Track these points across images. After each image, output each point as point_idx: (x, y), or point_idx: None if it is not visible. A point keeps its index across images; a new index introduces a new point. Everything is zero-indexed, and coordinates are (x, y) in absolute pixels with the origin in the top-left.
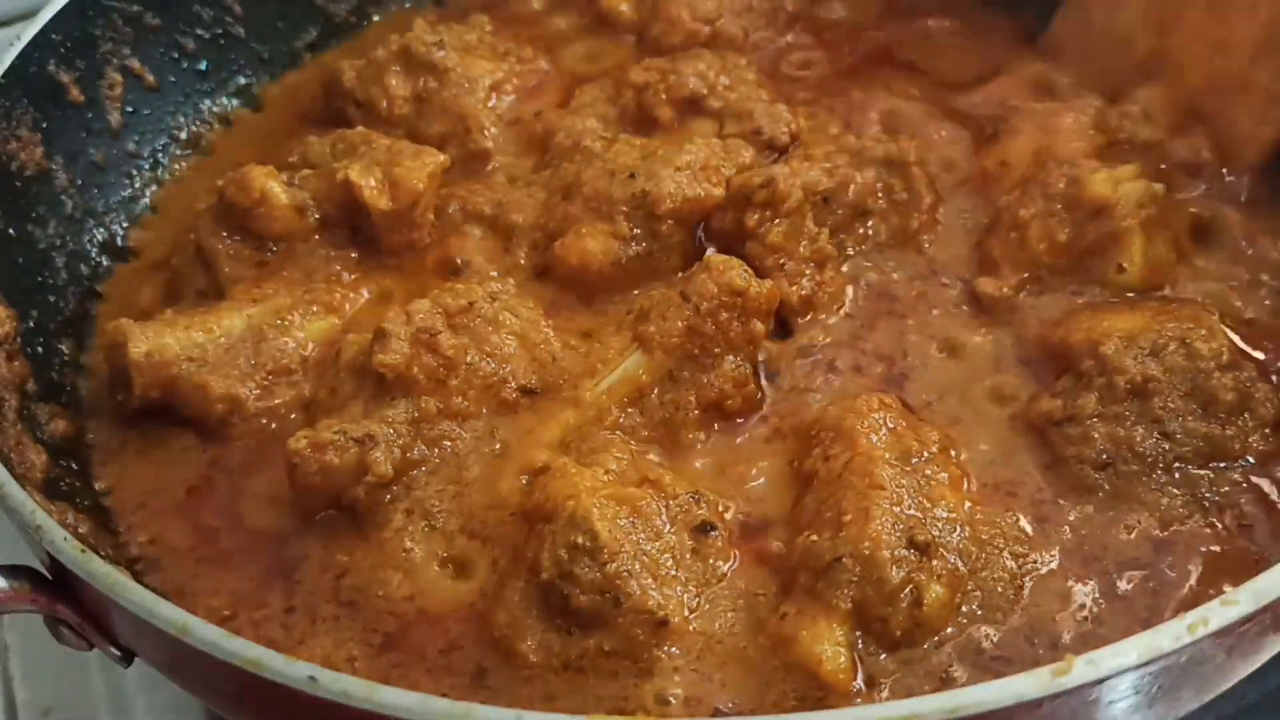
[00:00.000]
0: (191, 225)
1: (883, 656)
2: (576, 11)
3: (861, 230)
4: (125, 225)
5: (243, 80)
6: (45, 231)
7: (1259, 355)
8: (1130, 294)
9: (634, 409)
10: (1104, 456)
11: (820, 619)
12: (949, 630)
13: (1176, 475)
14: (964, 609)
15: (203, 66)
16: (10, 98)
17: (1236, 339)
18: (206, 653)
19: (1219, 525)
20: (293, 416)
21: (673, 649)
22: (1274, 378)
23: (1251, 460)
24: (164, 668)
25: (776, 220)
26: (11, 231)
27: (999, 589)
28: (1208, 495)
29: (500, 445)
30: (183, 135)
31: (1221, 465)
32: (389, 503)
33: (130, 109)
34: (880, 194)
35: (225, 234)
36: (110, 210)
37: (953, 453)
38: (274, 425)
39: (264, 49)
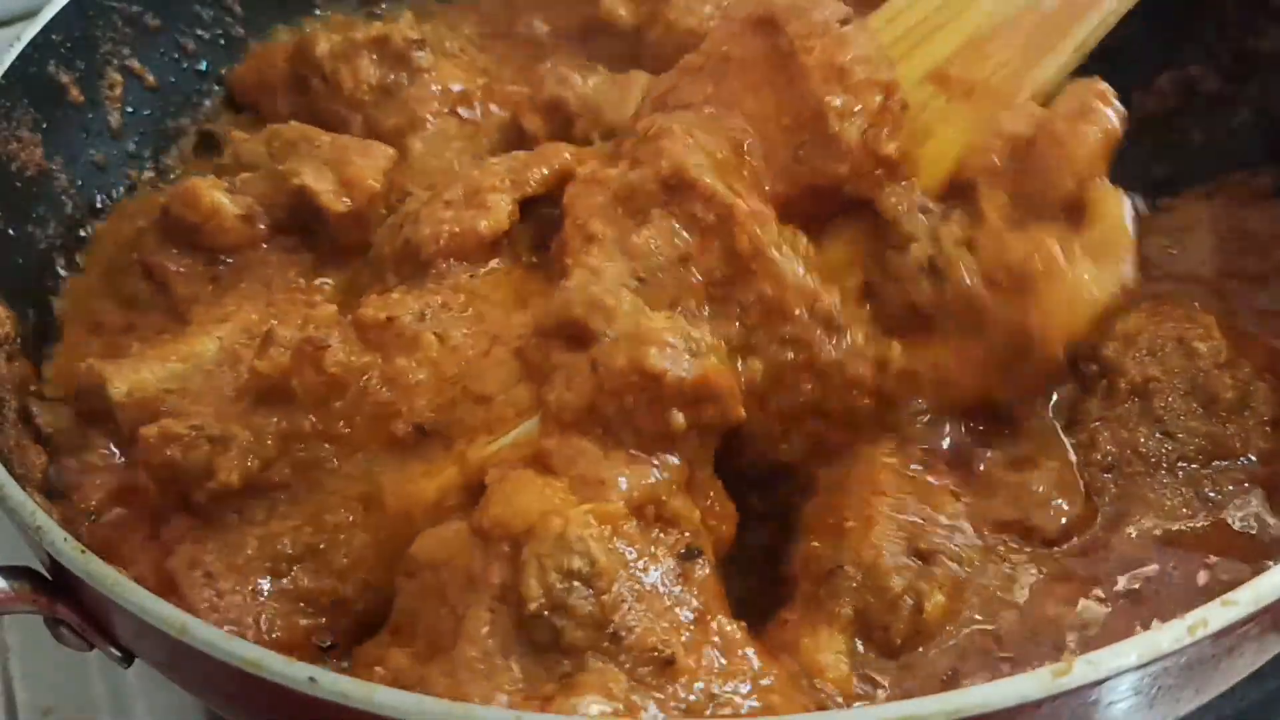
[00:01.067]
0: (132, 244)
1: (883, 662)
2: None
3: (693, 281)
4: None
5: None
6: (45, 232)
7: None
8: None
9: None
10: (1109, 459)
11: (821, 627)
12: (950, 635)
13: (1180, 475)
14: (965, 614)
15: (203, 66)
16: (10, 98)
17: None
18: (206, 653)
19: (1221, 523)
20: None
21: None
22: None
23: (1253, 458)
24: (164, 668)
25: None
26: (11, 232)
27: (999, 594)
28: (1211, 494)
29: (373, 489)
30: (183, 135)
31: (1224, 464)
32: (244, 524)
33: (130, 109)
34: (684, 228)
35: (174, 251)
36: (111, 211)
37: None
38: None
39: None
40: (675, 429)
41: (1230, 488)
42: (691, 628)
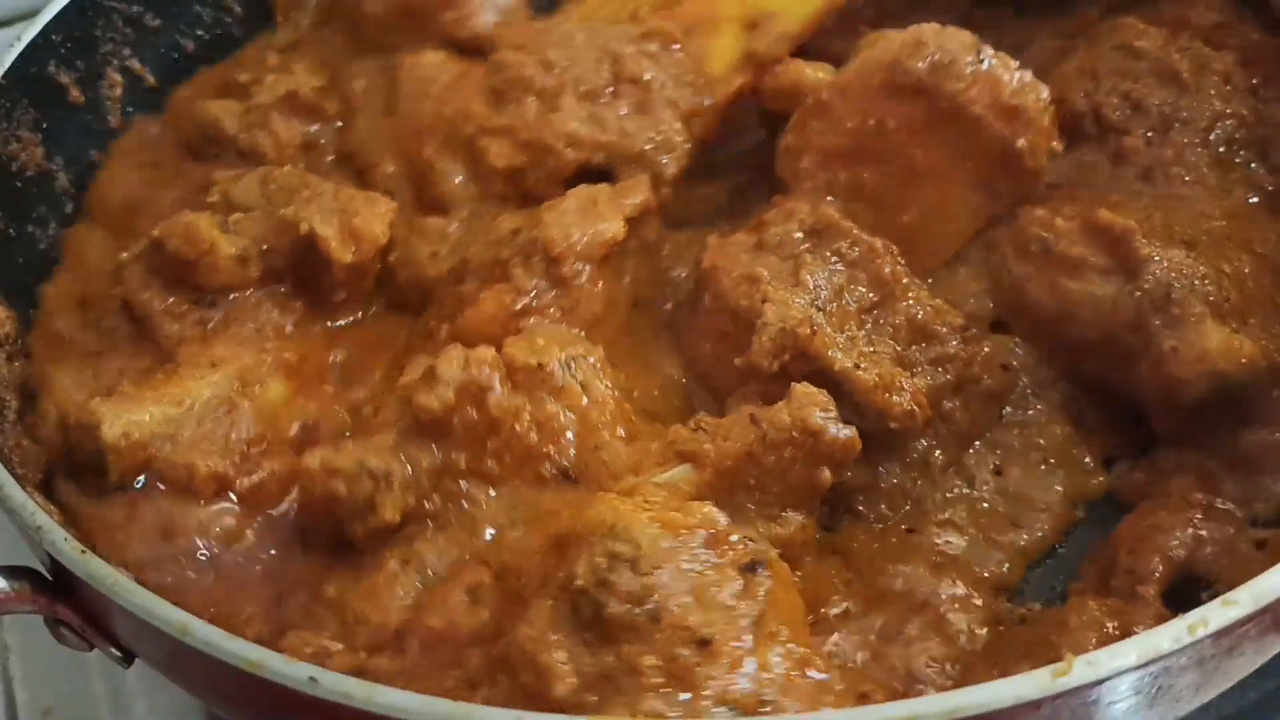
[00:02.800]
0: (111, 277)
1: None
2: None
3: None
4: None
5: None
6: (45, 232)
7: None
8: None
9: None
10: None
11: None
12: None
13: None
14: None
15: (202, 67)
16: (10, 98)
17: None
18: (207, 653)
19: None
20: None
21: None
22: None
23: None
24: (164, 668)
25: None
26: (11, 232)
27: None
28: None
29: (519, 519)
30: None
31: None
32: (385, 548)
33: (130, 109)
34: (835, 261)
35: (161, 288)
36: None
37: None
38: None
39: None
40: (823, 485)
41: None
42: (749, 631)
